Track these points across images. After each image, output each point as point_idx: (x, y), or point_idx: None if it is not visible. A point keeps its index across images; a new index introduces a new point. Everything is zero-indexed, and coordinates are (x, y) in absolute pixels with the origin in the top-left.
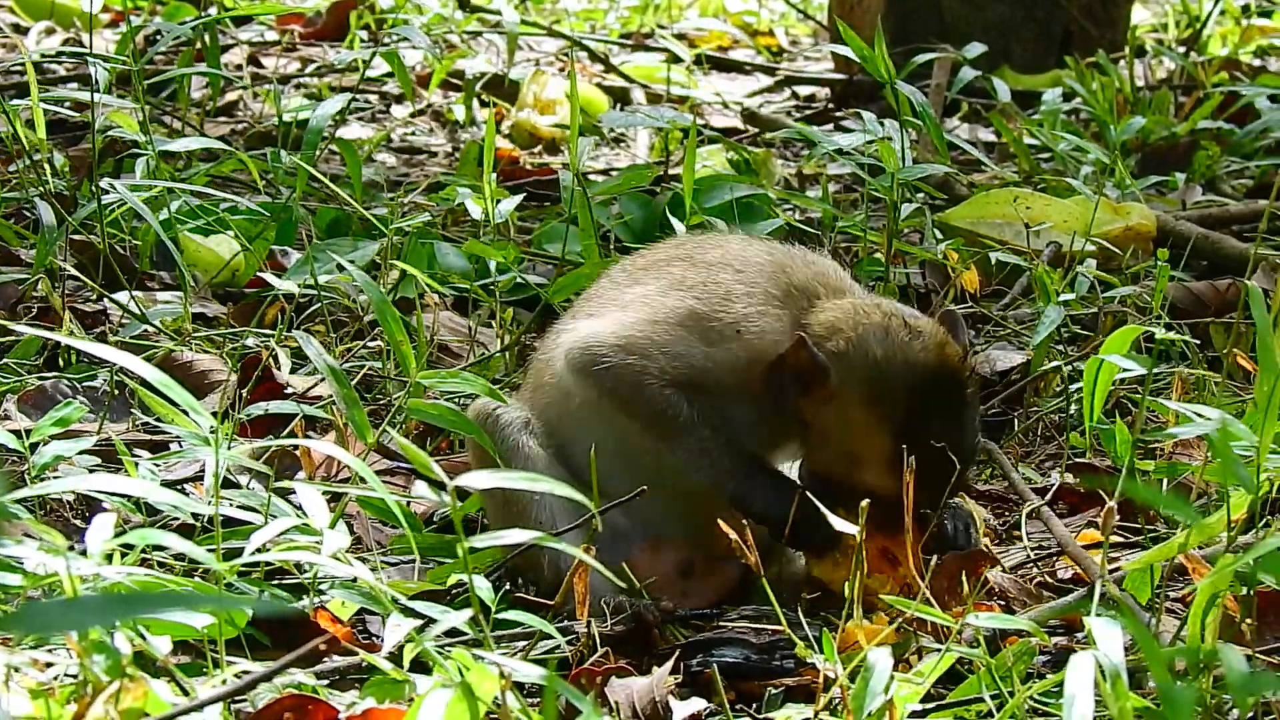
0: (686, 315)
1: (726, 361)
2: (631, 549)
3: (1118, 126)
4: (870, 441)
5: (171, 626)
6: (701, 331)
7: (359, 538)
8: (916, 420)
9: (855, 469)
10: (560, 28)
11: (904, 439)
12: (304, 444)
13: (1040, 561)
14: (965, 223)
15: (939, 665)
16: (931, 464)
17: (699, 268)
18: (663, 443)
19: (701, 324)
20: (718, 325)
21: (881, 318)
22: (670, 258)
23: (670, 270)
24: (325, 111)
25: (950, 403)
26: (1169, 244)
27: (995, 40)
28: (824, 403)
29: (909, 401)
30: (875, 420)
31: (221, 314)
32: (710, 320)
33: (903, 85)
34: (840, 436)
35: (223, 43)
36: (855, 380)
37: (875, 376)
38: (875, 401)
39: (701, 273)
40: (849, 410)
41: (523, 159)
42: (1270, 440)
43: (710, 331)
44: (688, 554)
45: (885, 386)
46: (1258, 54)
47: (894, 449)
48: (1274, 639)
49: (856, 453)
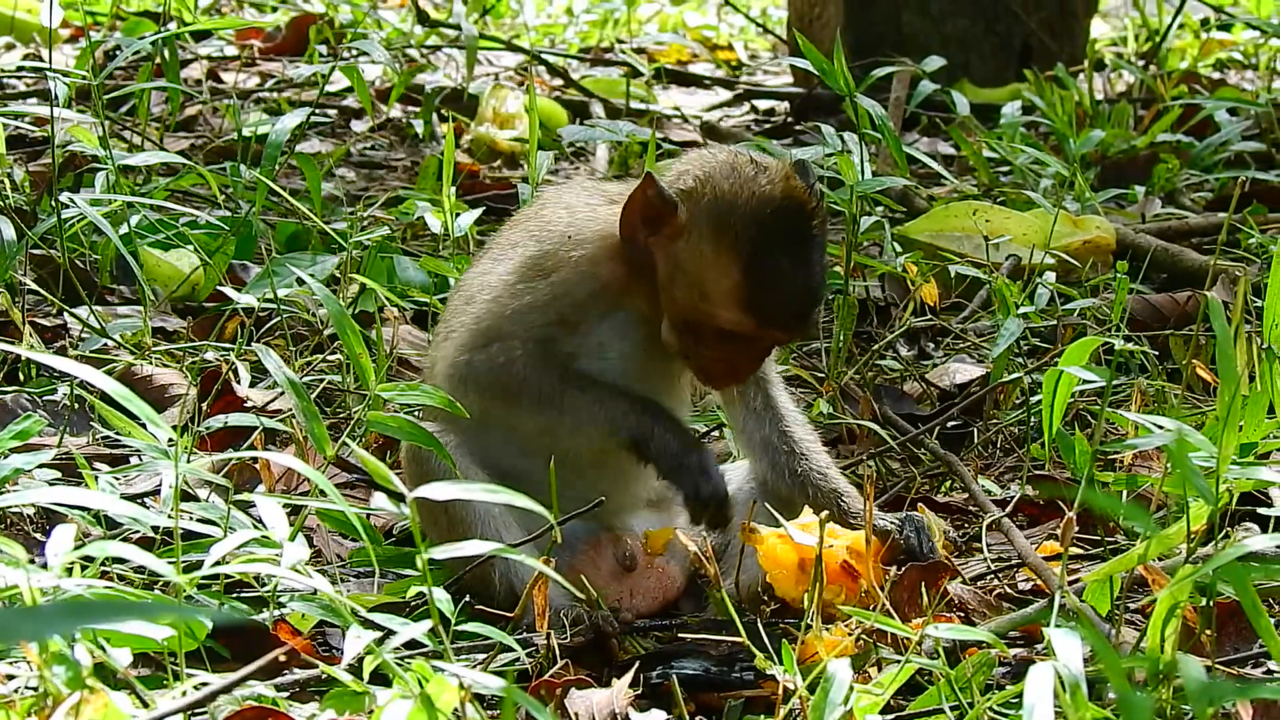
0: (521, 267)
1: (573, 277)
2: (574, 553)
3: (1077, 140)
4: (720, 275)
5: (131, 639)
6: (540, 269)
7: (319, 551)
8: (763, 253)
9: (707, 304)
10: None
11: (752, 272)
12: (264, 456)
13: (1000, 573)
14: (924, 236)
15: (899, 676)
16: (780, 299)
17: (526, 221)
18: (553, 412)
19: (538, 263)
20: (552, 249)
21: (728, 156)
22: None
23: (504, 241)
24: (285, 126)
25: (797, 236)
26: (1128, 256)
27: (955, 54)
28: (673, 239)
29: (755, 234)
30: (724, 252)
31: (181, 328)
32: (544, 253)
33: (862, 98)
34: (691, 271)
35: (182, 58)
36: (703, 214)
37: (722, 209)
38: (722, 233)
39: (529, 223)
40: (698, 245)
41: (482, 173)
42: (1230, 451)
43: (547, 261)
44: (626, 545)
45: (732, 219)
46: (1217, 67)
47: (743, 282)
48: (1233, 650)
49: (707, 289)
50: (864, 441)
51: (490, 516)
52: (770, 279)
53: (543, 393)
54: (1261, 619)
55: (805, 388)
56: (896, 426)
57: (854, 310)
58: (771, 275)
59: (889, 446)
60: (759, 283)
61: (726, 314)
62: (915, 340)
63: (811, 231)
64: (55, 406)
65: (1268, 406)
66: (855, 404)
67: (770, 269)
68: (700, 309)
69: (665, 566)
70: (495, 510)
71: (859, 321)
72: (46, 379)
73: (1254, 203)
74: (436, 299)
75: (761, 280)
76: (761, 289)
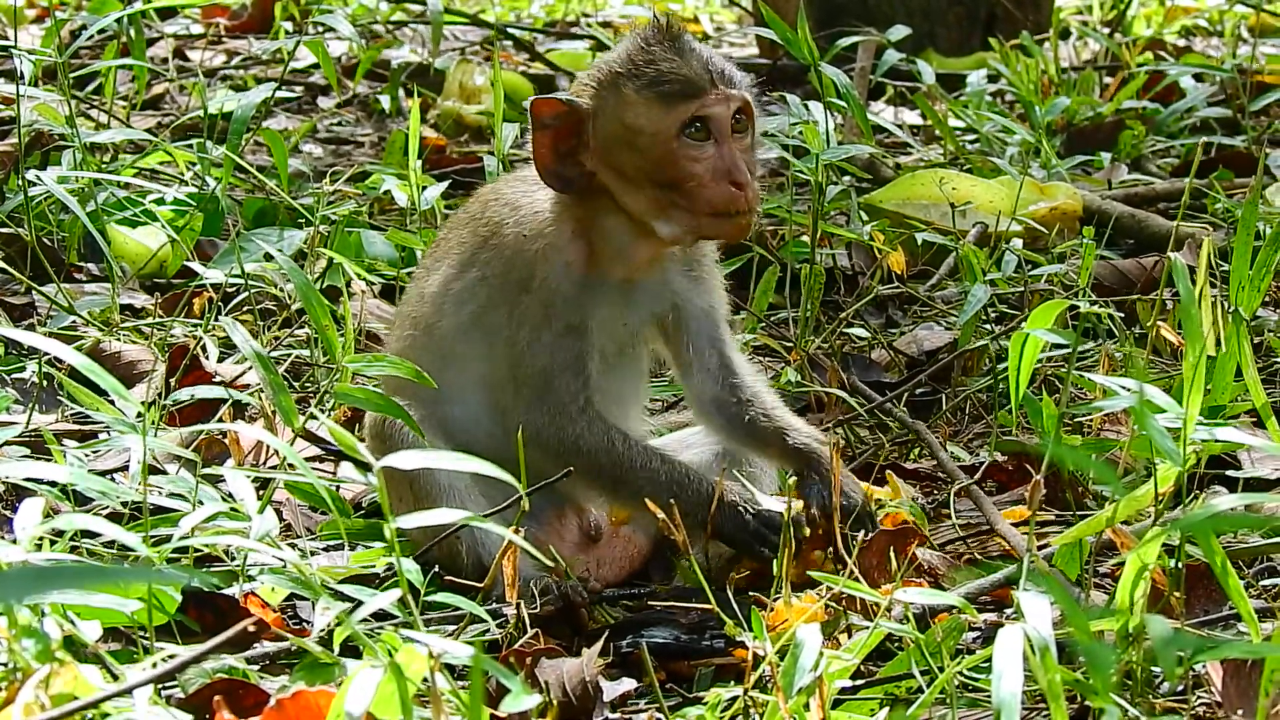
0: (500, 288)
1: (550, 275)
2: (540, 525)
3: (1043, 107)
4: (632, 109)
5: (100, 612)
6: (519, 285)
7: (288, 524)
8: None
9: (644, 139)
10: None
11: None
12: (231, 429)
13: (969, 539)
14: (891, 204)
15: (868, 642)
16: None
17: (474, 222)
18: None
19: (509, 277)
20: (512, 255)
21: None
22: (454, 231)
23: (457, 246)
24: (250, 101)
25: (666, 43)
26: (1095, 223)
27: (920, 24)
28: (595, 136)
29: (633, 59)
30: (625, 93)
31: (149, 305)
32: (509, 262)
33: (827, 68)
34: (617, 132)
35: (148, 36)
36: (596, 89)
37: (606, 74)
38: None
39: (478, 225)
40: (605, 111)
41: (449, 147)
42: (1196, 411)
43: (514, 271)
44: (590, 515)
45: (613, 69)
46: (1182, 34)
47: (657, 91)
48: (1203, 612)
49: (639, 128)
50: (832, 410)
51: (455, 490)
52: (666, 74)
53: (602, 466)
54: (1230, 579)
55: (773, 356)
56: (864, 394)
57: (821, 279)
58: (665, 71)
59: (857, 414)
60: (660, 81)
61: (659, 125)
62: (883, 308)
63: (675, 33)
64: (24, 384)
65: (1235, 369)
66: (823, 372)
67: (667, 67)
68: (646, 154)
69: (630, 535)
70: (460, 484)
71: (826, 290)
72: (15, 356)
73: (1220, 168)
74: (404, 272)
75: (660, 78)
76: (665, 83)
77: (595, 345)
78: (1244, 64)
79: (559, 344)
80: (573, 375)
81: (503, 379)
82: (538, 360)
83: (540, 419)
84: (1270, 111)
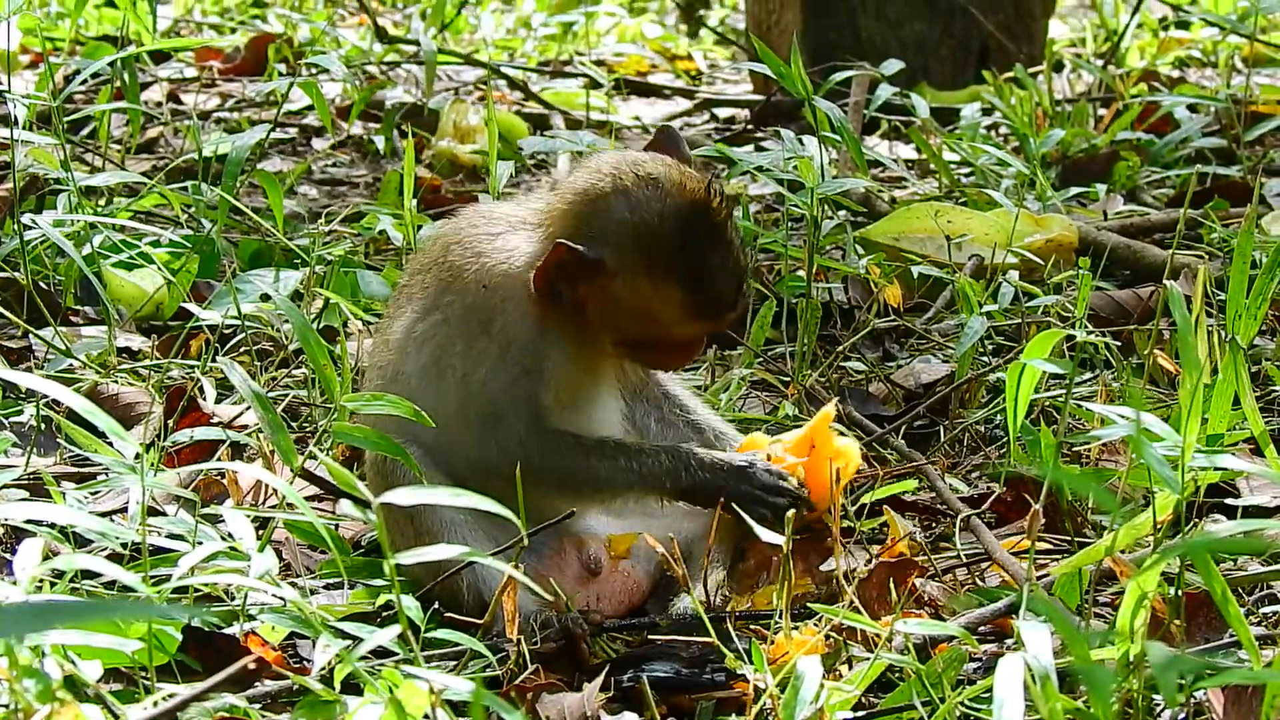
0: (461, 329)
1: (509, 321)
2: (539, 559)
3: (1037, 139)
4: (665, 300)
5: (101, 652)
6: (479, 324)
7: (288, 563)
8: (696, 263)
9: (658, 327)
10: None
11: (692, 286)
12: (229, 467)
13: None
14: (887, 238)
15: (869, 673)
16: (721, 293)
17: (437, 268)
18: (585, 490)
19: (471, 318)
20: (475, 301)
21: (613, 182)
22: (415, 277)
23: (421, 290)
24: (245, 142)
25: (712, 230)
26: (1091, 253)
27: (913, 58)
28: (605, 286)
29: (683, 252)
30: (660, 281)
31: (146, 347)
32: (469, 307)
33: (821, 102)
34: (634, 305)
35: (142, 80)
36: (626, 252)
37: (644, 244)
38: (653, 265)
39: (441, 271)
40: (633, 283)
41: (444, 187)
42: (1194, 439)
43: (476, 315)
44: (590, 549)
45: (656, 248)
46: (1176, 65)
47: (688, 298)
48: (1204, 640)
49: (654, 314)
50: None
51: (455, 526)
52: (708, 282)
53: (563, 476)
54: (1230, 606)
55: (771, 391)
56: (862, 427)
57: (818, 313)
58: (708, 279)
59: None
60: (701, 291)
61: (680, 330)
62: (880, 342)
63: (721, 218)
64: (22, 428)
65: (1232, 397)
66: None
67: (706, 274)
68: (651, 331)
69: (630, 570)
70: (460, 520)
71: (823, 324)
72: (13, 399)
73: (1215, 198)
74: None
75: (701, 287)
76: (705, 295)
77: (552, 385)
78: (1238, 94)
79: (515, 383)
80: (525, 408)
81: (450, 416)
82: (490, 397)
83: (491, 450)
84: (1265, 141)
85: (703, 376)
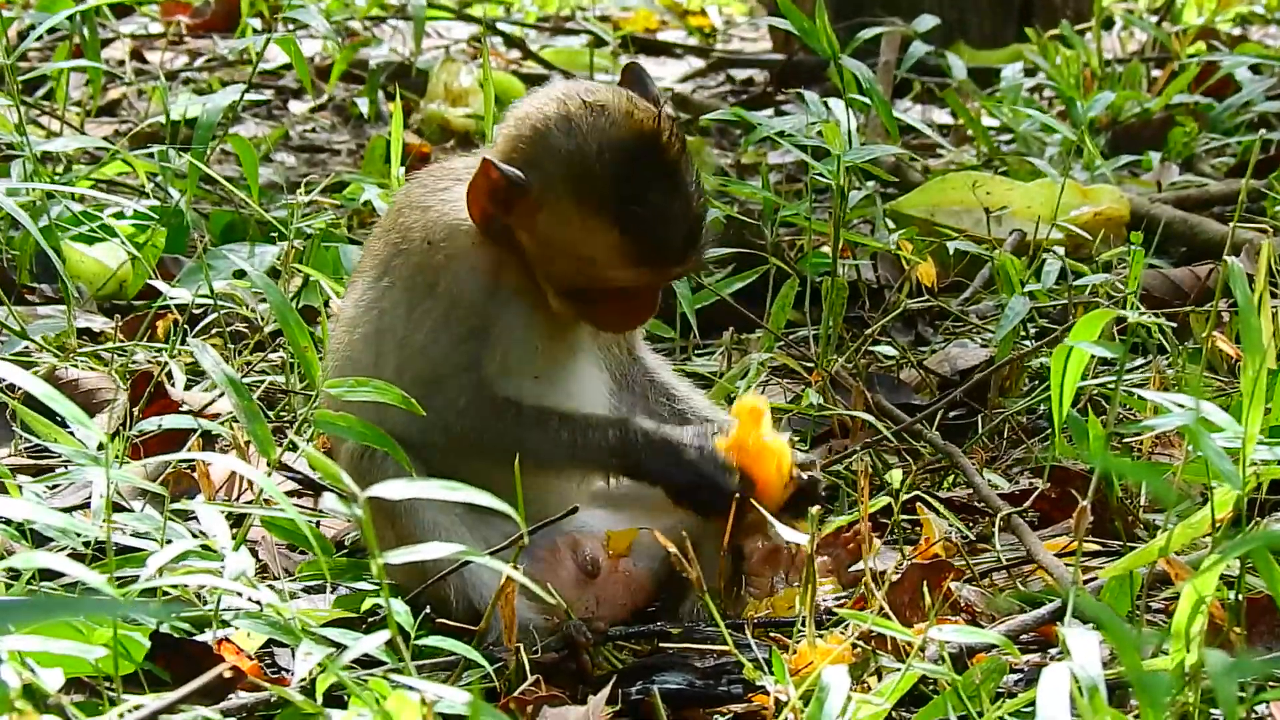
0: (406, 290)
1: (456, 279)
2: (532, 562)
3: (1085, 103)
4: (596, 238)
5: (63, 660)
6: (425, 284)
7: (265, 565)
8: (633, 200)
9: (592, 269)
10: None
11: (629, 224)
12: (201, 458)
13: (1009, 569)
14: (920, 210)
15: (900, 685)
16: (665, 239)
17: (388, 231)
18: (525, 461)
19: (417, 279)
20: (421, 260)
21: (558, 105)
22: (373, 243)
23: (373, 256)
24: (217, 105)
25: (659, 168)
26: (1144, 228)
27: (949, 13)
28: (532, 214)
29: (618, 184)
30: (591, 214)
31: (109, 328)
32: (416, 266)
33: (848, 61)
34: (563, 241)
35: (103, 36)
36: (556, 181)
37: (574, 170)
38: (584, 195)
39: (391, 234)
40: (562, 214)
41: (434, 154)
42: (1256, 430)
43: (423, 274)
44: (585, 549)
45: (588, 177)
46: (1237, 22)
47: (623, 238)
48: (1266, 649)
49: (587, 253)
50: (857, 435)
51: (441, 529)
52: (649, 224)
53: (504, 448)
54: None
55: (792, 377)
56: (892, 417)
57: (844, 293)
58: (649, 220)
59: (884, 439)
60: (639, 232)
61: (615, 273)
62: (912, 324)
63: (671, 157)
64: None
65: None
66: (847, 394)
67: (646, 214)
68: (585, 274)
69: (631, 570)
70: (445, 524)
71: (850, 305)
72: None
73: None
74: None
75: (641, 228)
76: (644, 237)
77: (498, 350)
78: None
79: (457, 348)
80: (465, 375)
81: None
82: (430, 362)
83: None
84: None
85: (718, 361)
